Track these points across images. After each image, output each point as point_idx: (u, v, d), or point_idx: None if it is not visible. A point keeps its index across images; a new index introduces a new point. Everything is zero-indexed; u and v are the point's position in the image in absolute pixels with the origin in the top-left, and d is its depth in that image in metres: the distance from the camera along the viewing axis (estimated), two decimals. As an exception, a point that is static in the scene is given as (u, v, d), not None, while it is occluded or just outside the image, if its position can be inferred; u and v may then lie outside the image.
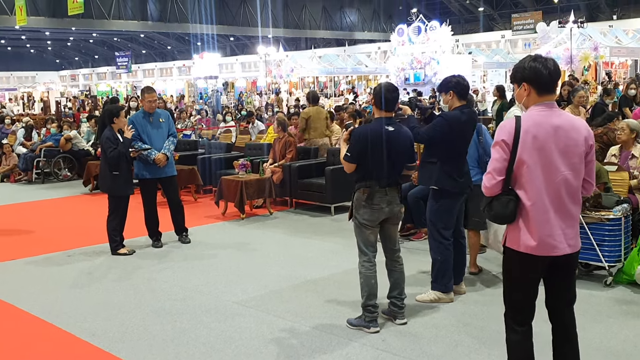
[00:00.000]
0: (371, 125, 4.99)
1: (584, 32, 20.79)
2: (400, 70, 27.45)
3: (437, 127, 5.27)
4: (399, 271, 5.06)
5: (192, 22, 40.16)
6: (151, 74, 59.21)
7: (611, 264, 5.72)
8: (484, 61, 30.56)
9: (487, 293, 5.68)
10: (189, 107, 26.54)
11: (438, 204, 5.40)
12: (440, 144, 5.29)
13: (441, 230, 5.40)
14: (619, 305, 5.32)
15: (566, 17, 21.17)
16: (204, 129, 16.96)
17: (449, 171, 5.33)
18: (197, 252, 7.41)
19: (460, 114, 5.34)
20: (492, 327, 4.91)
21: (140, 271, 6.74)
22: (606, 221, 5.69)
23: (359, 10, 47.83)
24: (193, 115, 20.77)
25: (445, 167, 5.33)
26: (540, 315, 3.54)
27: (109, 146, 7.17)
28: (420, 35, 26.54)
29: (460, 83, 5.46)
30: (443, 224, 5.41)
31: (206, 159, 11.20)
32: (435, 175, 5.35)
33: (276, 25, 43.03)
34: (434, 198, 5.43)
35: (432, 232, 5.46)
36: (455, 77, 5.52)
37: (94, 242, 7.84)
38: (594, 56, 19.60)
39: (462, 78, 5.55)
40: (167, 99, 36.38)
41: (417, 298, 5.46)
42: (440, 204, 5.39)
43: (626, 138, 6.76)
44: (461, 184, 5.41)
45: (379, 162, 4.85)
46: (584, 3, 39.08)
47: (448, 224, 5.44)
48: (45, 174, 13.53)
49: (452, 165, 5.35)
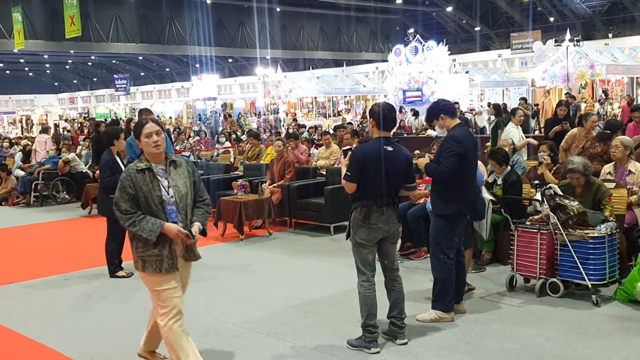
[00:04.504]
0: (370, 144, 4.99)
1: (580, 50, 20.92)
2: (398, 90, 27.57)
3: (450, 151, 5.16)
4: (398, 290, 5.03)
5: (191, 44, 40.41)
6: (150, 95, 59.40)
7: (595, 282, 5.68)
8: (481, 80, 30.69)
9: (488, 311, 5.64)
10: (188, 129, 26.60)
11: (446, 224, 5.35)
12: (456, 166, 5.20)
13: (445, 250, 5.37)
14: (619, 322, 5.29)
15: (562, 35, 21.31)
16: (202, 150, 16.99)
17: (463, 195, 5.31)
18: (195, 274, 7.27)
19: (463, 130, 5.36)
20: (493, 346, 4.88)
21: (138, 294, 6.70)
22: (590, 239, 5.67)
23: (356, 30, 48.15)
24: (192, 137, 20.81)
25: (461, 192, 5.29)
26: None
27: (106, 171, 7.17)
28: (418, 55, 26.68)
29: (447, 104, 5.50)
30: (448, 243, 5.38)
31: (205, 180, 11.20)
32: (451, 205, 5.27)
33: (274, 46, 43.30)
34: (439, 219, 5.37)
35: (436, 252, 5.41)
36: (438, 102, 5.57)
37: (93, 265, 7.80)
38: (591, 74, 19.70)
39: (444, 100, 5.63)
40: (166, 121, 36.51)
41: (418, 318, 5.43)
42: (449, 224, 5.35)
43: (621, 155, 6.78)
44: (474, 205, 5.43)
45: (377, 181, 4.85)
46: (580, 22, 39.39)
47: (453, 244, 5.42)
48: (44, 197, 13.50)
49: (467, 186, 5.33)
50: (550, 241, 5.86)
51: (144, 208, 4.07)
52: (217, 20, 41.00)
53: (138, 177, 4.08)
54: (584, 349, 4.81)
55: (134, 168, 4.12)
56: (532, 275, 6.03)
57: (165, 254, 4.09)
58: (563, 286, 5.86)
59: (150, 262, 4.09)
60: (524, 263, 6.03)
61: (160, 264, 4.08)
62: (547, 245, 5.85)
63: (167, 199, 4.12)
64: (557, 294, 5.87)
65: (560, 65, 19.97)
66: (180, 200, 4.16)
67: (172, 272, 4.12)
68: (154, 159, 4.17)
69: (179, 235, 4.07)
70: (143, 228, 4.01)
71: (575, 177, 6.20)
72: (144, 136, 4.13)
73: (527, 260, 6.00)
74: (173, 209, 4.13)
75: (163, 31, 40.30)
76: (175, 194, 4.14)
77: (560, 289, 5.86)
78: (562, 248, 5.80)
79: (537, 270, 5.92)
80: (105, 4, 36.64)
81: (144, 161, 4.16)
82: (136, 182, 4.07)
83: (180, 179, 4.19)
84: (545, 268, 5.88)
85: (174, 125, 32.47)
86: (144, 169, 4.12)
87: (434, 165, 5.26)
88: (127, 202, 4.07)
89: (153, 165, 4.15)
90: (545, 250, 5.86)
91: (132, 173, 4.10)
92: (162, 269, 4.08)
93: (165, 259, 4.09)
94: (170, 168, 4.19)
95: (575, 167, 6.17)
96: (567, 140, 8.72)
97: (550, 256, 5.87)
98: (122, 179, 4.11)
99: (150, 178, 4.10)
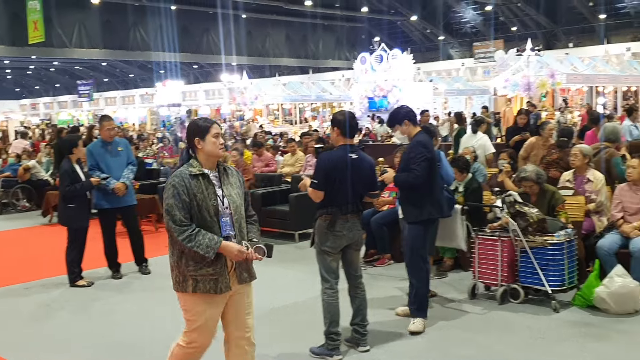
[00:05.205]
0: (336, 152, 5.00)
1: (541, 59, 21.27)
2: (363, 97, 27.70)
3: (420, 156, 5.20)
4: (361, 297, 5.06)
5: (155, 50, 40.00)
6: (113, 102, 58.61)
7: (555, 288, 5.78)
8: (445, 88, 31.03)
9: (450, 318, 5.70)
10: (151, 135, 26.33)
11: (422, 229, 5.37)
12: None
13: (423, 256, 5.42)
14: (578, 327, 5.39)
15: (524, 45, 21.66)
16: (166, 157, 16.83)
17: (434, 199, 5.36)
18: (158, 283, 7.29)
19: (426, 136, 5.42)
20: (455, 352, 4.94)
21: (99, 303, 6.62)
22: (549, 246, 5.77)
23: (322, 38, 48.31)
24: (155, 143, 20.60)
25: (432, 196, 5.34)
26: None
27: (65, 180, 7.07)
28: (383, 63, 26.85)
29: (410, 111, 5.55)
30: (424, 249, 5.44)
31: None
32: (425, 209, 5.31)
33: (240, 53, 43.13)
34: (416, 226, 5.37)
35: (414, 259, 5.39)
36: (401, 107, 5.62)
37: (52, 274, 7.66)
38: (551, 83, 20.03)
39: (407, 106, 5.68)
40: (129, 127, 36.09)
41: (410, 329, 5.34)
42: (424, 229, 5.39)
43: (580, 163, 6.93)
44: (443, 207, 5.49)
45: (342, 189, 4.86)
46: (541, 32, 40.09)
47: (427, 249, 5.50)
48: (3, 205, 13.22)
49: (436, 190, 5.39)
50: (510, 248, 5.95)
51: (196, 219, 3.58)
52: (182, 26, 40.70)
53: (192, 183, 3.59)
54: (543, 355, 4.89)
55: (187, 172, 3.62)
56: (493, 283, 6.11)
57: (220, 272, 3.61)
58: (523, 292, 5.96)
59: (203, 281, 3.61)
60: (485, 270, 6.11)
61: (215, 283, 3.61)
62: (508, 252, 5.94)
63: (222, 210, 3.66)
64: (518, 300, 5.96)
65: (521, 74, 20.26)
66: (235, 212, 3.70)
67: (226, 292, 3.66)
68: (208, 164, 3.70)
69: (239, 257, 3.62)
70: (200, 243, 3.51)
71: (528, 185, 6.33)
72: (211, 136, 3.66)
73: (488, 267, 6.07)
74: (227, 222, 3.68)
75: (127, 37, 39.86)
76: (231, 204, 3.69)
77: (521, 295, 5.95)
78: (522, 255, 5.90)
79: (499, 278, 6.00)
80: (69, 9, 36.05)
81: (197, 165, 3.66)
82: (190, 188, 3.57)
83: (233, 188, 3.75)
84: (506, 275, 5.97)
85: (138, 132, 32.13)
86: (197, 174, 3.62)
87: (404, 175, 5.26)
88: (182, 210, 3.54)
89: (206, 170, 3.68)
90: (506, 257, 5.94)
91: (185, 178, 3.59)
92: (217, 289, 3.61)
93: (221, 278, 3.62)
94: (223, 176, 3.76)
95: (528, 175, 6.30)
96: (526, 149, 8.88)
97: (510, 263, 5.96)
98: (174, 184, 3.57)
99: (205, 185, 3.62)
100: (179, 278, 3.67)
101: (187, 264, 3.62)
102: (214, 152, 3.69)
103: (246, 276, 3.76)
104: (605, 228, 6.40)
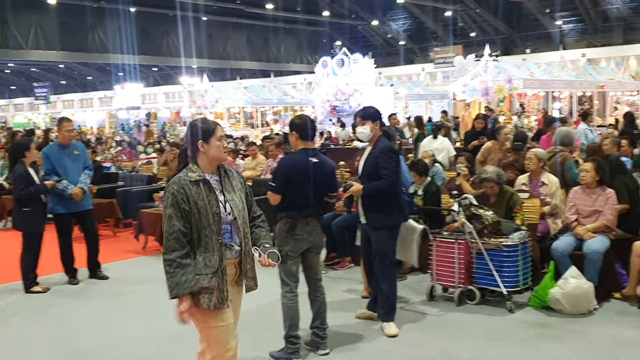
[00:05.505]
0: (296, 156, 5.00)
1: (499, 65, 21.60)
2: (325, 101, 27.77)
3: (391, 162, 5.24)
4: (320, 301, 5.07)
5: (114, 52, 39.49)
6: (71, 105, 57.56)
7: (510, 289, 5.89)
8: (406, 93, 31.32)
9: (409, 320, 5.73)
10: (110, 139, 25.97)
11: (390, 234, 5.42)
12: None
13: (392, 259, 5.47)
14: (533, 328, 5.50)
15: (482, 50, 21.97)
16: (124, 161, 16.62)
17: (400, 204, 5.43)
18: (115, 289, 7.20)
19: (390, 142, 5.46)
20: (413, 354, 4.99)
21: (55, 309, 6.49)
22: (504, 247, 5.89)
23: (284, 42, 48.30)
24: (113, 147, 20.33)
25: (398, 202, 5.40)
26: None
27: (19, 184, 6.93)
28: (344, 67, 26.97)
29: (380, 114, 5.58)
30: (393, 253, 5.50)
31: (126, 192, 10.95)
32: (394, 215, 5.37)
33: (200, 55, 42.84)
34: (387, 232, 5.40)
35: (385, 264, 5.40)
36: (372, 107, 5.60)
37: (7, 280, 7.48)
38: (509, 88, 20.36)
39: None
40: (88, 131, 35.52)
41: (388, 333, 5.37)
42: (392, 234, 5.45)
43: (534, 167, 7.07)
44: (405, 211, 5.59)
45: (303, 192, 4.87)
46: (499, 37, 40.78)
47: (394, 254, 5.57)
48: (-45, 210, 12.85)
49: (399, 194, 5.45)
50: (467, 250, 6.04)
51: (196, 227, 3.39)
52: (142, 28, 40.25)
53: (193, 190, 3.40)
54: (499, 356, 4.97)
55: (186, 179, 3.41)
56: (451, 285, 6.19)
57: (217, 286, 3.43)
58: (479, 293, 6.05)
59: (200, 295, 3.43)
60: (442, 272, 6.18)
61: (209, 298, 3.43)
62: (464, 255, 6.03)
63: (224, 216, 3.47)
64: (474, 301, 6.05)
65: (479, 79, 20.56)
66: (239, 217, 3.51)
67: (222, 307, 3.48)
68: (209, 168, 3.51)
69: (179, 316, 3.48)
70: (173, 276, 3.35)
71: (489, 186, 6.46)
72: (216, 139, 3.48)
73: (445, 269, 6.15)
74: (228, 229, 3.49)
75: (85, 39, 39.25)
76: (234, 209, 3.50)
77: (477, 296, 6.04)
78: (478, 256, 6.00)
79: (456, 279, 6.08)
80: (25, 10, 35.32)
81: (197, 170, 3.46)
82: (191, 195, 3.38)
83: (235, 192, 3.55)
84: (463, 277, 6.05)
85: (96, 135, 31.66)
86: (198, 180, 3.43)
87: (376, 184, 5.22)
88: (181, 219, 3.36)
89: (207, 175, 3.49)
90: (462, 259, 6.03)
91: (185, 185, 3.39)
92: (210, 304, 3.43)
93: (217, 293, 3.43)
94: (224, 180, 3.55)
95: (489, 176, 6.43)
96: (483, 153, 9.04)
97: (467, 265, 6.05)
98: (173, 192, 3.37)
99: (206, 192, 3.43)
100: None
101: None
102: (219, 156, 3.53)
103: (252, 284, 3.65)
104: (560, 230, 6.54)
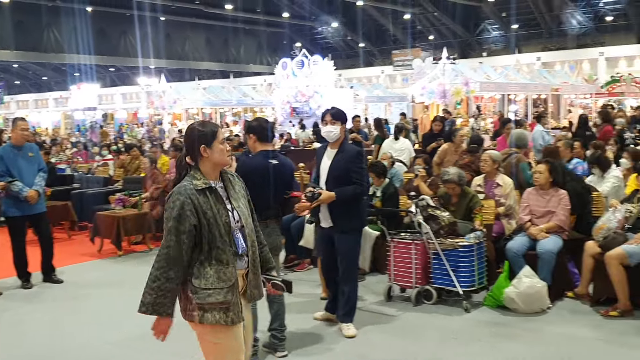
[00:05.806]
0: (254, 158, 4.98)
1: (456, 68, 21.86)
2: (285, 102, 27.75)
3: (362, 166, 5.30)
4: (279, 303, 5.05)
5: (70, 52, 38.80)
6: (25, 105, 56.31)
7: (465, 288, 5.98)
8: (365, 95, 31.50)
9: (367, 321, 5.75)
10: (65, 140, 25.47)
11: (357, 237, 5.47)
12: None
13: (357, 262, 5.54)
14: (488, 327, 5.58)
15: (440, 53, 22.23)
16: (80, 162, 16.31)
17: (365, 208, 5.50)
18: (69, 292, 7.06)
19: (359, 146, 5.51)
20: (371, 356, 5.01)
21: (7, 314, 6.34)
22: (460, 248, 5.98)
23: (243, 42, 48.11)
24: (69, 149, 19.94)
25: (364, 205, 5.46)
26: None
27: None
28: (304, 69, 27.00)
29: (347, 118, 5.60)
30: (358, 255, 5.56)
31: (81, 194, 10.75)
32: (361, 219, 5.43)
33: (158, 55, 42.40)
34: (354, 235, 5.42)
35: (352, 267, 5.43)
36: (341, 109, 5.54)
37: (-44, 285, 7.30)
38: (465, 91, 20.62)
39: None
40: (42, 132, 34.76)
41: (347, 334, 5.36)
42: (358, 237, 5.49)
43: (489, 169, 7.19)
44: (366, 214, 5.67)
45: (262, 194, 4.83)
46: (457, 41, 41.35)
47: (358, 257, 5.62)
48: None
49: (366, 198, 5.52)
50: (423, 251, 6.10)
51: (206, 239, 3.13)
52: (98, 28, 39.65)
53: (201, 200, 3.14)
54: (456, 355, 5.03)
55: (192, 187, 3.14)
56: (408, 285, 6.24)
57: (231, 300, 3.16)
58: (436, 293, 6.12)
59: (212, 311, 3.13)
60: (400, 273, 6.24)
61: (225, 313, 3.15)
62: (421, 255, 6.10)
63: (234, 225, 3.24)
64: (431, 301, 6.12)
65: (437, 82, 20.78)
66: (246, 225, 3.28)
67: (238, 323, 3.21)
68: (212, 174, 3.26)
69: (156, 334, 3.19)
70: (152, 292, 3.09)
71: (451, 187, 6.57)
72: (219, 142, 3.24)
73: (403, 270, 6.21)
74: (239, 237, 3.25)
75: (41, 38, 38.50)
76: (241, 216, 3.27)
77: (434, 296, 6.11)
78: (435, 257, 6.07)
79: (413, 280, 6.14)
80: (-23, 8, 34.57)
81: (201, 178, 3.20)
82: (199, 206, 3.13)
83: (240, 198, 3.33)
84: (420, 277, 6.12)
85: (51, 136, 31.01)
86: (204, 188, 3.18)
87: (350, 188, 5.19)
88: (184, 234, 3.10)
89: (212, 182, 3.24)
90: (419, 259, 6.09)
91: (192, 195, 3.13)
92: (227, 320, 3.15)
93: (232, 307, 3.16)
94: (229, 186, 3.33)
95: (451, 177, 6.54)
96: (440, 155, 9.17)
97: (424, 265, 6.11)
98: (180, 204, 3.11)
99: (213, 200, 3.18)
100: (186, 305, 3.20)
101: (194, 290, 3.15)
102: (223, 161, 3.29)
103: (257, 293, 3.39)
104: (514, 231, 6.66)
